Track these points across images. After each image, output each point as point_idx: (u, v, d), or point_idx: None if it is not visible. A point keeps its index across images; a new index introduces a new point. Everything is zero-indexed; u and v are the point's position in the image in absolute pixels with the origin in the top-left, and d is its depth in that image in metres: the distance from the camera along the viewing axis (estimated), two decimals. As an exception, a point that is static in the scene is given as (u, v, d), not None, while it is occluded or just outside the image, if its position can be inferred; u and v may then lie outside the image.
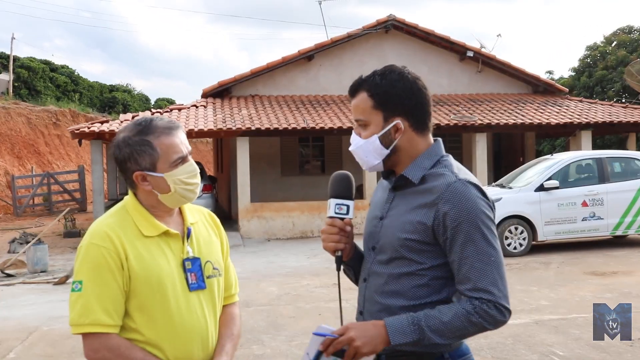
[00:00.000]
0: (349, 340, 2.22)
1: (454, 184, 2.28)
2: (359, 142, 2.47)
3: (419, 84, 2.42)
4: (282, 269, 13.66)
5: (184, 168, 2.52)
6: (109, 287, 2.39)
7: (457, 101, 22.70)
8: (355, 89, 2.46)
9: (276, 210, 19.28)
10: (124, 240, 2.45)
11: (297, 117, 20.00)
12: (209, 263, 2.61)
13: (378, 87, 2.39)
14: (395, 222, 2.39)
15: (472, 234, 2.24)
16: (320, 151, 24.01)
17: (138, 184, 2.54)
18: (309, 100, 22.30)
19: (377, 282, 2.43)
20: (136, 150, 2.50)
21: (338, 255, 2.48)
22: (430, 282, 2.32)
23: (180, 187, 2.51)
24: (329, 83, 23.02)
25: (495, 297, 2.23)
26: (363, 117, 2.43)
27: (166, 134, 2.50)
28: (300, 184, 22.90)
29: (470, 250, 2.24)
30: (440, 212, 2.27)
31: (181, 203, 2.58)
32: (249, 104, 21.51)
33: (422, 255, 2.32)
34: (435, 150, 2.45)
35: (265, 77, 22.80)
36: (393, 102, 2.38)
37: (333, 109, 21.13)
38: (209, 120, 19.44)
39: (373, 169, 2.51)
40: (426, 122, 2.44)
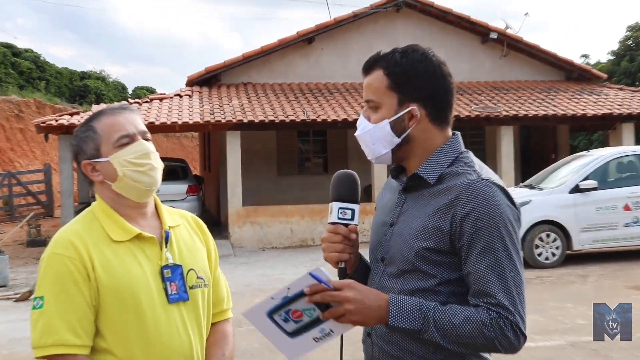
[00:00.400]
0: (344, 299, 2.19)
1: (476, 184, 2.27)
2: (367, 126, 2.46)
3: (444, 69, 2.42)
4: (279, 282, 13.65)
5: (130, 148, 2.54)
6: (73, 301, 2.38)
7: (479, 89, 22.70)
8: (370, 65, 2.46)
9: (272, 214, 19.28)
10: (90, 247, 2.44)
11: (295, 108, 20.01)
12: (192, 271, 2.61)
13: (397, 65, 2.39)
14: (407, 228, 2.37)
15: (492, 242, 2.23)
16: (323, 147, 24.01)
17: (90, 176, 2.59)
18: (310, 88, 22.31)
19: (387, 298, 2.41)
20: (82, 138, 2.57)
21: (341, 267, 2.47)
22: (449, 300, 2.30)
23: (129, 169, 2.52)
24: (332, 69, 23.04)
25: (514, 317, 2.21)
26: (375, 97, 2.43)
27: (109, 114, 2.56)
28: (299, 185, 22.91)
29: (488, 262, 2.23)
30: (458, 214, 2.26)
31: (142, 194, 2.58)
32: (240, 93, 21.52)
33: (438, 268, 2.31)
34: (454, 145, 2.44)
35: (260, 63, 22.81)
36: (411, 84, 2.38)
37: (337, 98, 21.14)
38: (194, 112, 19.46)
39: (380, 159, 2.49)
40: (446, 113, 2.44)
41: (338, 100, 20.99)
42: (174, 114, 19.32)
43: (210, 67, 22.48)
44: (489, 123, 20.49)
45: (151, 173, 2.56)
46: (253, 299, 11.79)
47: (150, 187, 2.57)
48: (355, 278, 2.60)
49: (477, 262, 2.24)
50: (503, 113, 20.14)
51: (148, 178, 2.55)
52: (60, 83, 48.18)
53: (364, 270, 2.60)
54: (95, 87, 50.15)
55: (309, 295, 2.20)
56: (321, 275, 2.20)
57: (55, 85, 47.18)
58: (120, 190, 2.54)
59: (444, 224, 2.28)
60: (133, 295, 2.43)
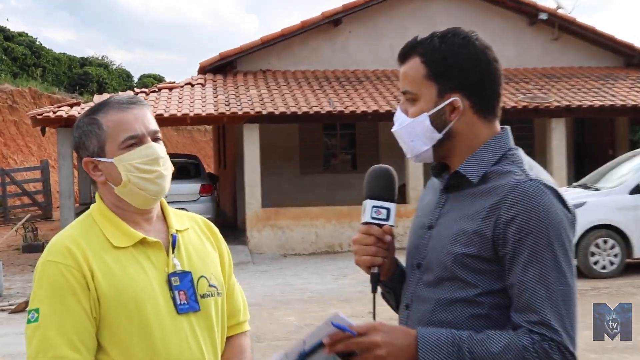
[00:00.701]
0: (372, 345, 2.19)
1: (524, 185, 2.25)
2: (405, 121, 2.46)
3: (489, 54, 2.41)
4: (302, 293, 13.68)
5: (137, 151, 2.53)
6: (72, 313, 2.40)
7: (527, 77, 22.60)
8: (406, 52, 2.45)
9: (295, 217, 19.31)
10: (89, 254, 2.46)
11: (320, 98, 20.02)
12: (203, 279, 2.62)
13: (435, 52, 2.38)
14: (447, 232, 2.37)
15: (540, 251, 2.21)
16: (351, 142, 24.00)
17: (90, 175, 2.60)
18: (336, 76, 22.31)
19: (423, 309, 2.41)
20: (84, 132, 2.57)
21: (374, 272, 2.46)
22: (491, 312, 2.29)
23: (134, 175, 2.52)
24: (362, 55, 23.01)
25: (561, 337, 2.18)
26: (412, 88, 2.42)
27: (117, 109, 2.55)
28: (325, 184, 22.92)
29: (534, 273, 2.21)
30: (503, 219, 2.24)
31: (146, 202, 2.58)
32: (259, 82, 21.56)
33: (480, 276, 2.29)
34: (502, 141, 2.43)
35: (280, 48, 22.84)
36: (452, 73, 2.37)
37: (367, 87, 21.13)
38: (207, 103, 19.52)
39: (420, 158, 2.49)
40: (493, 104, 2.43)
41: (368, 89, 20.97)
42: (185, 105, 19.39)
43: (225, 52, 22.53)
44: (538, 115, 20.37)
45: (159, 181, 2.56)
46: (273, 311, 11.82)
47: (156, 195, 2.58)
48: (389, 286, 2.61)
49: (521, 274, 2.22)
50: (554, 104, 20.03)
51: (155, 186, 2.56)
52: (58, 70, 48.52)
53: (399, 278, 2.59)
54: (97, 75, 50.47)
55: (330, 345, 2.18)
56: (342, 322, 2.17)
57: (52, 73, 47.52)
58: (123, 196, 2.56)
59: (486, 228, 2.27)
60: (138, 305, 2.44)
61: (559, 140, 20.34)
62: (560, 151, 20.32)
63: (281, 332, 10.34)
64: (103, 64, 55.09)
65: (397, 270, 2.60)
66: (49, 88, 42.62)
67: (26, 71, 44.12)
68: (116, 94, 3.04)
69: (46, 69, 46.68)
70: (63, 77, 48.64)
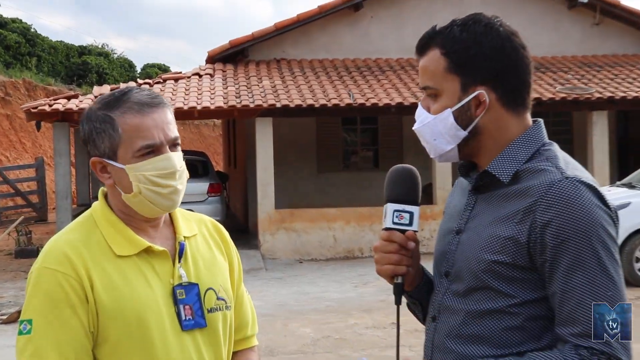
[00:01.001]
0: None
1: (559, 184, 2.24)
2: (426, 118, 2.45)
3: (515, 41, 2.40)
4: (319, 302, 13.68)
5: (153, 162, 2.50)
6: (68, 327, 2.40)
7: (566, 66, 22.51)
8: (424, 44, 2.45)
9: (311, 219, 19.33)
10: (89, 262, 2.45)
11: (340, 89, 20.02)
12: (211, 291, 2.62)
13: (456, 42, 2.38)
14: (477, 237, 2.37)
15: (582, 256, 2.19)
16: (373, 138, 23.99)
17: (98, 176, 2.57)
18: (357, 66, 22.31)
19: (452, 321, 2.41)
20: (95, 128, 2.53)
21: (398, 282, 2.46)
22: (526, 324, 2.29)
23: (147, 187, 2.50)
24: (385, 42, 22.99)
25: (612, 348, 2.17)
26: (433, 83, 2.42)
27: (135, 110, 2.50)
28: (344, 184, 22.92)
29: (578, 280, 2.19)
30: (538, 222, 2.23)
31: (155, 213, 2.57)
32: (272, 72, 21.58)
33: (513, 285, 2.29)
34: (534, 135, 2.42)
35: (296, 34, 22.85)
36: (476, 64, 2.36)
37: (390, 78, 21.12)
38: (217, 95, 19.56)
39: (444, 157, 2.50)
40: (522, 95, 2.42)
41: (391, 80, 20.96)
42: (192, 98, 19.43)
43: (236, 40, 22.54)
44: (577, 107, 20.28)
45: (173, 197, 2.55)
46: (287, 322, 11.84)
47: (167, 210, 2.58)
48: (415, 297, 2.61)
49: (563, 282, 2.21)
50: (595, 95, 19.95)
51: (167, 202, 2.55)
52: (55, 60, 48.67)
53: (426, 288, 2.60)
54: (96, 64, 50.62)
55: None
56: None
57: (48, 62, 47.67)
58: (131, 204, 2.54)
59: (520, 234, 2.26)
60: (140, 321, 2.44)
61: (600, 135, 20.25)
62: (601, 147, 20.22)
63: (296, 345, 10.36)
64: (103, 52, 55.23)
65: (424, 280, 2.60)
66: (45, 79, 42.75)
67: (20, 61, 44.23)
68: (134, 87, 2.95)
69: (41, 58, 46.82)
70: (60, 67, 48.79)
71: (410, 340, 9.07)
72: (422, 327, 2.59)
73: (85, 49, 53.67)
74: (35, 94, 38.10)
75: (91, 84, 43.98)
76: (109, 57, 54.99)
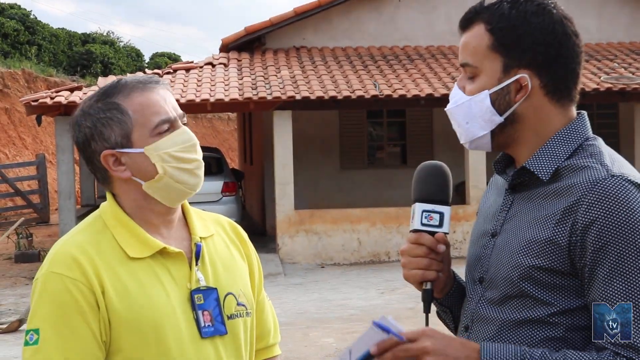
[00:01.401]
0: (421, 352, 2.19)
1: (604, 183, 2.22)
2: (461, 98, 2.44)
3: (568, 26, 2.38)
4: (342, 310, 13.69)
5: (172, 137, 2.51)
6: (78, 336, 2.40)
7: (611, 54, 22.44)
8: (469, 18, 2.43)
9: (334, 221, 19.34)
10: (99, 266, 2.45)
11: (364, 80, 20.03)
12: (230, 296, 2.62)
13: (504, 18, 2.36)
14: (514, 240, 2.35)
15: (626, 261, 2.17)
16: (400, 132, 23.98)
17: (111, 172, 2.54)
18: (383, 54, 22.31)
19: (485, 331, 2.40)
20: (100, 119, 2.51)
21: (427, 288, 2.45)
22: (567, 335, 2.27)
23: (172, 166, 2.50)
24: (413, 28, 22.97)
25: None
26: (473, 60, 2.40)
27: (139, 89, 2.51)
28: (369, 182, 22.93)
29: (619, 287, 2.17)
30: (580, 224, 2.21)
31: (179, 197, 2.58)
32: (291, 61, 21.62)
33: (554, 293, 2.27)
34: (578, 129, 2.40)
35: (317, 20, 22.88)
36: (522, 45, 2.35)
37: (419, 67, 21.10)
38: (231, 86, 19.60)
39: (476, 144, 2.47)
40: (568, 85, 2.39)
41: (421, 69, 20.95)
42: (205, 89, 19.47)
43: (252, 26, 22.58)
44: (624, 99, 20.22)
45: (198, 171, 2.56)
46: (308, 331, 11.85)
47: (193, 189, 2.57)
48: (446, 304, 2.61)
49: (603, 288, 2.19)
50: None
51: (194, 178, 2.56)
52: (56, 49, 48.83)
53: (458, 295, 2.59)
54: (101, 54, 50.77)
55: (378, 355, 2.17)
56: (389, 325, 2.17)
57: (49, 52, 47.83)
58: (153, 192, 2.53)
59: (560, 236, 2.24)
60: (155, 328, 2.44)
61: (648, 128, 20.20)
62: (650, 142, 20.17)
63: (318, 356, 10.38)
64: (108, 41, 55.43)
65: (455, 286, 2.59)
66: (46, 70, 42.87)
67: (19, 50, 44.37)
68: (133, 75, 2.97)
69: (42, 47, 46.97)
70: (62, 57, 48.97)
71: (441, 351, 9.03)
72: (456, 338, 2.58)
73: (89, 36, 53.88)
74: (36, 85, 38.21)
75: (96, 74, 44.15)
76: (114, 46, 55.16)
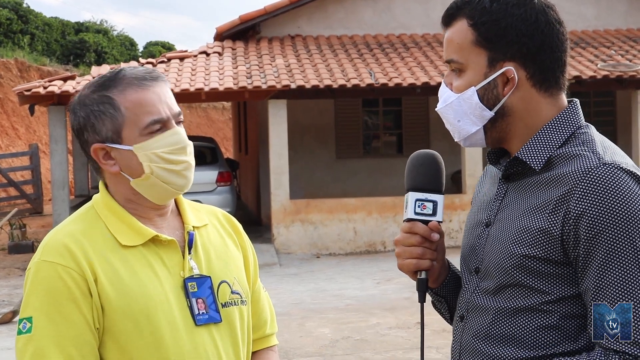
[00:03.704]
0: None
1: (596, 171, 2.22)
2: (449, 97, 2.45)
3: (551, 15, 2.38)
4: (338, 300, 13.70)
5: (162, 138, 2.52)
6: (71, 324, 2.40)
7: (609, 41, 22.39)
8: (451, 14, 2.44)
9: (329, 210, 19.35)
10: (92, 254, 2.46)
11: (360, 68, 20.01)
12: (224, 284, 2.63)
13: (485, 12, 2.36)
14: (507, 230, 2.36)
15: (619, 251, 2.17)
16: (396, 121, 23.97)
17: (100, 164, 2.56)
18: (379, 42, 22.29)
19: (481, 321, 2.41)
20: (93, 112, 2.52)
21: (421, 278, 2.46)
22: (561, 323, 2.28)
23: (158, 166, 2.51)
24: (409, 16, 22.97)
25: None
26: (458, 57, 2.41)
27: (135, 86, 2.51)
28: (365, 171, 22.92)
29: (612, 277, 2.18)
30: (572, 213, 2.21)
31: (166, 196, 2.59)
32: (286, 49, 21.59)
33: (547, 281, 2.28)
34: (569, 117, 2.40)
35: (312, 8, 22.84)
36: (505, 37, 2.35)
37: (415, 55, 21.09)
38: (226, 75, 19.57)
39: (470, 141, 2.48)
40: (555, 74, 2.40)
41: (417, 57, 20.93)
42: (199, 78, 19.45)
43: (247, 14, 22.53)
44: (621, 86, 20.19)
45: (186, 173, 2.56)
46: (304, 321, 11.87)
47: (181, 189, 2.58)
48: (441, 294, 2.61)
49: (596, 278, 2.20)
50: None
51: (181, 179, 2.56)
52: (49, 38, 48.76)
53: (453, 284, 2.60)
54: (94, 43, 50.70)
55: None
56: None
57: (42, 41, 47.76)
58: (141, 190, 2.55)
59: (553, 225, 2.24)
60: (149, 315, 2.45)
61: (646, 117, 20.19)
62: (647, 130, 20.16)
63: (314, 347, 10.38)
64: (102, 29, 55.34)
65: (449, 275, 2.60)
66: (39, 59, 42.82)
67: (11, 39, 44.31)
68: (128, 66, 2.89)
69: (35, 36, 46.91)
70: (55, 46, 48.91)
71: (437, 341, 9.09)
72: (450, 327, 2.59)
73: (83, 25, 53.78)
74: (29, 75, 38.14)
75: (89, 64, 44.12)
76: (108, 35, 55.09)
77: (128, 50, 55.34)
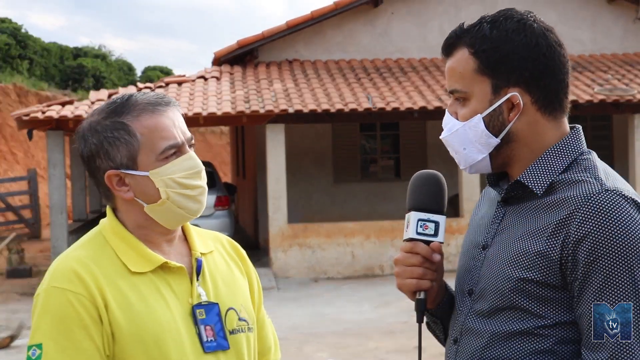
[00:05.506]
0: None
1: (598, 197, 2.23)
2: (455, 125, 2.45)
3: (551, 38, 2.39)
4: (336, 324, 13.68)
5: (177, 163, 2.52)
6: (81, 350, 2.40)
7: (605, 65, 22.44)
8: (451, 43, 2.44)
9: (327, 234, 19.33)
10: (101, 280, 2.45)
11: (357, 93, 20.03)
12: (232, 311, 2.63)
13: (486, 40, 2.37)
14: (505, 252, 2.36)
15: (616, 277, 2.18)
16: (394, 145, 23.97)
17: (114, 191, 2.55)
18: (376, 67, 22.32)
19: (474, 344, 2.41)
20: (107, 138, 2.51)
21: (420, 298, 2.45)
22: (557, 348, 2.28)
23: (174, 191, 2.51)
24: (407, 40, 23.01)
25: None
26: (461, 86, 2.41)
27: (149, 111, 2.51)
28: (363, 195, 22.92)
29: (608, 303, 2.18)
30: (572, 237, 2.21)
31: (179, 221, 2.60)
32: (284, 74, 21.62)
33: (544, 305, 2.28)
34: (571, 143, 2.41)
35: (310, 33, 22.89)
36: (508, 64, 2.36)
37: (413, 80, 21.11)
38: (224, 100, 19.59)
39: (475, 168, 2.48)
40: (559, 97, 2.40)
41: (414, 82, 20.95)
42: (197, 103, 19.46)
43: (245, 39, 22.57)
44: (618, 111, 20.21)
45: (200, 198, 2.57)
46: (302, 345, 11.85)
47: (195, 214, 2.58)
48: (437, 315, 2.61)
49: (592, 304, 2.20)
50: (638, 96, 19.89)
51: (196, 204, 2.57)
52: (48, 63, 48.80)
53: (449, 306, 2.59)
54: (93, 67, 50.72)
55: None
56: None
57: (41, 66, 47.80)
58: (155, 215, 2.54)
59: (552, 248, 2.25)
60: (159, 343, 2.45)
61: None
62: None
63: (312, 371, 10.34)
64: (100, 54, 55.40)
65: (446, 297, 2.60)
66: (37, 84, 42.81)
67: (10, 64, 44.31)
68: (134, 92, 2.88)
69: (33, 61, 46.95)
70: (53, 71, 48.94)
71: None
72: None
73: (81, 50, 53.86)
74: (27, 100, 38.14)
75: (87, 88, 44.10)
76: (106, 60, 55.14)
77: (126, 74, 55.43)
